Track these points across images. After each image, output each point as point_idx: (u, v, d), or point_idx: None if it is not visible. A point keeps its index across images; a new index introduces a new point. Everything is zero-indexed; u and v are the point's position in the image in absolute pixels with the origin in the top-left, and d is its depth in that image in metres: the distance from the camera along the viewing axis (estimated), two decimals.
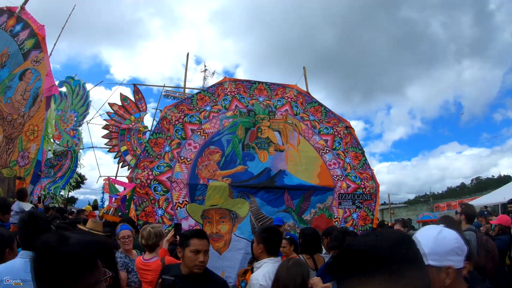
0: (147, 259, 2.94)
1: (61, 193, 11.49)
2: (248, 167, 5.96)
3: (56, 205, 10.14)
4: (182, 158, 5.82)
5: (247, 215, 5.65)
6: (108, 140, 11.71)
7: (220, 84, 6.67)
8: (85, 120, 11.95)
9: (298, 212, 5.91)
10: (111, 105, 11.70)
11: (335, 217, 6.10)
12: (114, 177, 10.79)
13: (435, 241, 1.20)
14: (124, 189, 4.87)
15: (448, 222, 3.47)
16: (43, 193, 10.90)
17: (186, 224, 5.49)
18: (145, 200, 5.45)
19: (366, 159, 6.61)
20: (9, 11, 5.87)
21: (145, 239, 2.94)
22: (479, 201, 14.08)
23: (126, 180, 5.75)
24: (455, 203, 23.62)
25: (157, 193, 5.52)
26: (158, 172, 5.60)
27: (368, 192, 6.32)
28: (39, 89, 5.32)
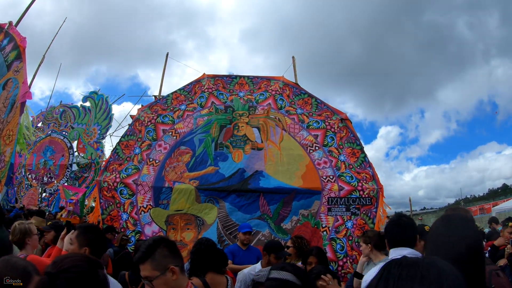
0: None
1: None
2: (219, 168, 5.34)
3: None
4: (150, 160, 5.48)
5: (215, 222, 4.99)
6: None
7: (197, 81, 6.27)
8: (108, 133, 12.66)
9: (275, 220, 5.05)
10: (132, 117, 12.18)
11: (324, 226, 5.06)
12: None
13: None
14: (77, 194, 4.68)
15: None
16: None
17: (150, 230, 5.06)
18: (111, 203, 5.20)
19: (365, 156, 5.44)
20: None
21: (11, 234, 2.59)
22: None
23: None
24: (488, 206, 20.46)
25: (122, 197, 5.23)
26: (125, 175, 5.34)
27: (367, 195, 5.14)
28: (16, 96, 5.57)
